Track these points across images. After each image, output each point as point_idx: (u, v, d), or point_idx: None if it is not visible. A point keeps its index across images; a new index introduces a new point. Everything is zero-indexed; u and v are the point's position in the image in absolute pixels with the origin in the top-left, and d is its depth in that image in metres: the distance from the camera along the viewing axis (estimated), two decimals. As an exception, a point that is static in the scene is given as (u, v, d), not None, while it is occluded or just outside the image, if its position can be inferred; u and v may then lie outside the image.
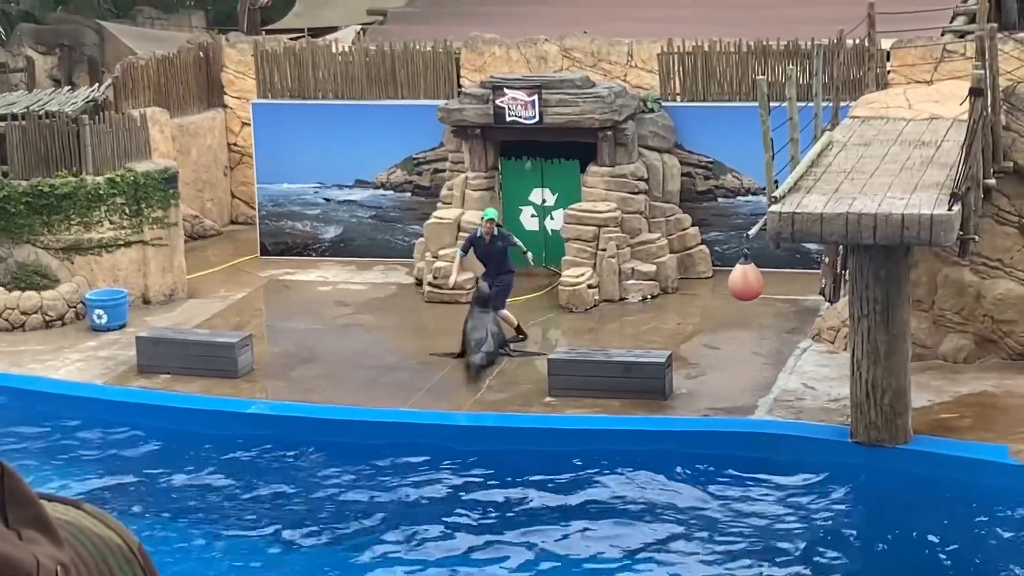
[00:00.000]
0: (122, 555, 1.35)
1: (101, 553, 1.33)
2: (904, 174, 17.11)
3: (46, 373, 20.81)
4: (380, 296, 24.09)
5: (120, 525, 1.38)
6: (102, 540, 1.34)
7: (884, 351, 16.75)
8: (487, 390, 19.78)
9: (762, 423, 18.36)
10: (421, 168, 25.67)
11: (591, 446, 18.14)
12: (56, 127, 23.46)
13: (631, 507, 17.13)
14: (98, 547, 1.33)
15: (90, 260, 23.29)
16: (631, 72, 25.40)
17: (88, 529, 1.34)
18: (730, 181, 24.47)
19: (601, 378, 19.12)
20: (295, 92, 26.34)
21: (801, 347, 20.79)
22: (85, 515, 1.36)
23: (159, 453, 18.97)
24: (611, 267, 22.98)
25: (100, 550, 1.33)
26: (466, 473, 18.06)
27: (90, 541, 1.32)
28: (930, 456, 17.18)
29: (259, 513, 17.43)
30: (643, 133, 23.93)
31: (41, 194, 22.99)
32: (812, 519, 16.86)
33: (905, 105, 20.72)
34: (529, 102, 23.34)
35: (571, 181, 24.08)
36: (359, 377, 20.44)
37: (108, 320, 22.31)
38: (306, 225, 26.32)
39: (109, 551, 1.34)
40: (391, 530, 16.79)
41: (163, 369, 20.49)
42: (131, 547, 1.37)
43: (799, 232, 16.06)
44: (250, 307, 23.92)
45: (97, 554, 1.32)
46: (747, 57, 24.35)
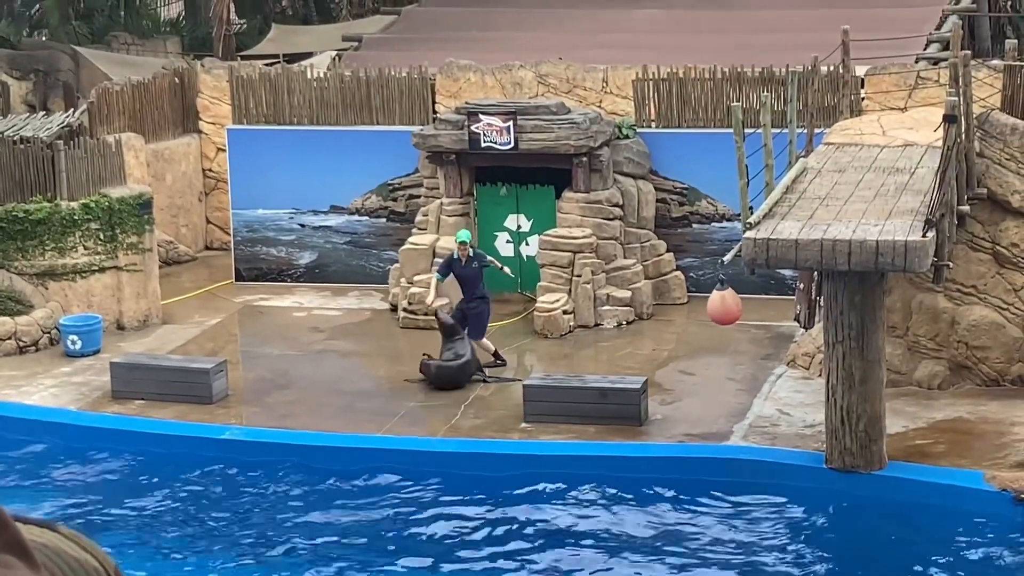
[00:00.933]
0: (98, 577, 1.34)
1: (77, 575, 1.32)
2: (878, 200, 17.17)
3: (20, 399, 20.72)
4: (355, 322, 24.07)
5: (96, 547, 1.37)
6: (78, 562, 1.33)
7: (859, 377, 16.79)
8: (462, 416, 19.76)
9: (737, 449, 18.36)
10: (396, 194, 25.68)
11: (566, 472, 18.12)
12: (31, 152, 23.41)
13: (606, 533, 17.11)
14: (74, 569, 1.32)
15: (64, 286, 23.22)
16: (606, 98, 25.46)
17: (64, 552, 1.33)
18: (705, 207, 24.53)
19: (576, 404, 19.11)
20: (270, 118, 26.34)
21: (776, 373, 20.82)
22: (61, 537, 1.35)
23: (133, 479, 18.90)
24: (586, 293, 23.00)
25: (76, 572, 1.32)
26: (441, 500, 18.02)
27: (66, 564, 1.32)
28: (905, 482, 17.21)
29: (233, 539, 17.36)
30: (618, 159, 23.98)
31: (15, 219, 22.93)
32: (787, 545, 16.86)
33: (879, 132, 20.80)
34: (504, 128, 23.38)
35: (546, 207, 24.11)
36: (334, 403, 20.40)
37: (82, 346, 22.23)
38: (281, 251, 26.28)
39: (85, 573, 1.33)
40: (366, 555, 16.75)
41: (137, 395, 20.42)
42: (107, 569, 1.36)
43: (774, 258, 16.10)
44: (225, 333, 23.86)
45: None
46: (722, 84, 24.43)
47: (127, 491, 18.61)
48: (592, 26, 30.29)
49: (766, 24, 29.13)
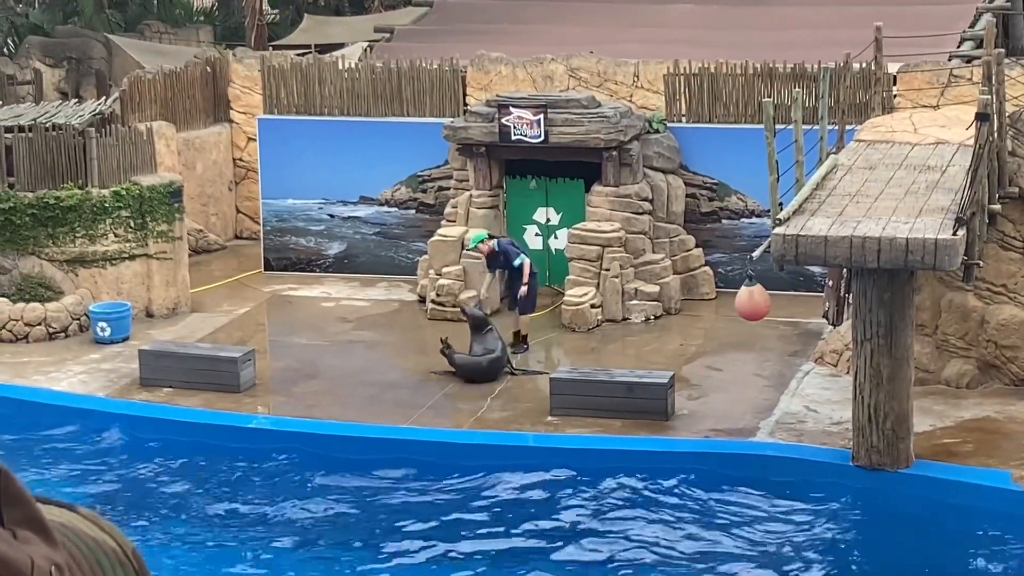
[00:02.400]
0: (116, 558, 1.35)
1: (95, 555, 1.32)
2: (909, 198, 17.10)
3: (49, 385, 20.81)
4: (383, 313, 24.09)
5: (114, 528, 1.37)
6: (96, 543, 1.34)
7: (887, 375, 16.74)
8: (488, 408, 19.77)
9: (763, 445, 18.33)
10: (426, 185, 25.69)
11: (591, 466, 18.12)
12: (63, 140, 23.50)
13: (630, 528, 17.10)
14: (92, 549, 1.32)
15: (94, 273, 23.31)
16: (637, 93, 25.42)
17: (82, 531, 1.34)
18: (735, 203, 24.47)
19: (603, 398, 19.10)
20: (301, 108, 26.37)
21: (804, 370, 20.77)
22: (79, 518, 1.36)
23: (160, 466, 18.96)
24: (614, 287, 22.98)
25: (95, 552, 1.32)
26: (465, 491, 18.04)
27: (84, 543, 1.32)
28: (932, 481, 17.15)
29: (258, 528, 17.41)
30: (648, 154, 23.94)
31: (47, 206, 23.02)
32: (812, 542, 16.83)
33: (911, 129, 20.73)
34: (535, 121, 23.36)
35: (575, 201, 24.10)
36: (361, 393, 20.43)
37: (111, 333, 22.31)
38: (310, 241, 26.32)
39: (103, 553, 1.33)
40: (390, 546, 16.78)
41: (165, 383, 20.49)
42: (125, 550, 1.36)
43: (803, 255, 16.05)
44: (253, 322, 23.92)
45: (92, 556, 1.32)
46: (753, 79, 24.37)
47: (153, 478, 18.68)
48: (624, 20, 30.24)
49: (798, 20, 29.04)
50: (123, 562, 1.35)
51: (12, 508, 1.23)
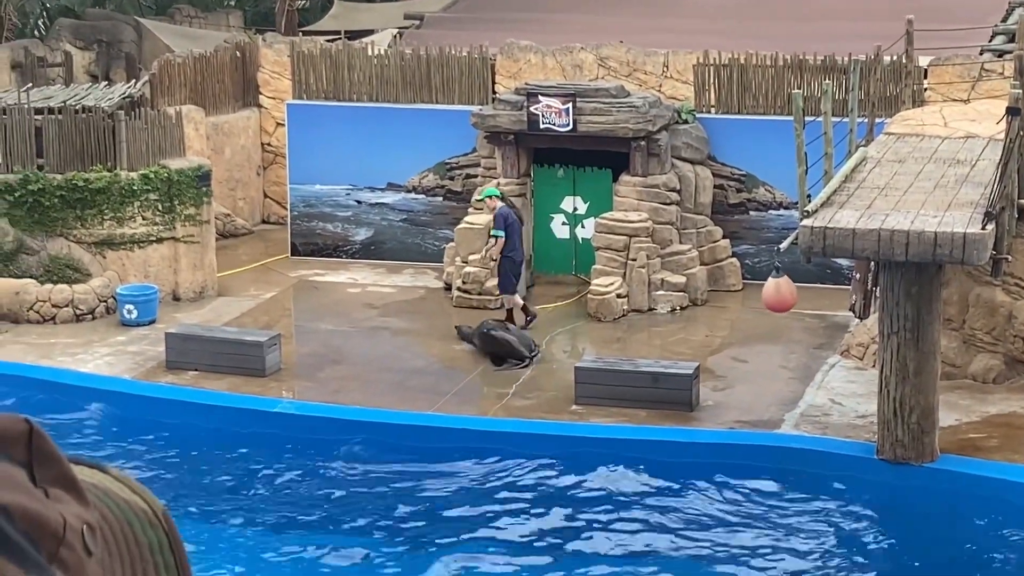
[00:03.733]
0: (147, 519, 1.35)
1: (126, 516, 1.33)
2: (938, 192, 17.04)
3: (75, 366, 20.89)
4: (409, 299, 24.10)
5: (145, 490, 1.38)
6: (127, 503, 1.34)
7: (913, 369, 16.69)
8: (513, 396, 19.78)
9: (788, 437, 18.30)
10: (453, 173, 25.69)
11: (616, 455, 18.11)
12: (92, 122, 23.56)
13: (654, 518, 17.10)
14: (123, 510, 1.33)
15: (122, 255, 23.38)
16: (666, 83, 25.38)
17: (113, 492, 1.34)
18: (763, 194, 24.42)
19: (628, 388, 19.10)
20: (330, 94, 26.39)
21: (829, 363, 20.73)
22: (110, 479, 1.36)
23: (184, 449, 19.01)
24: (641, 277, 22.95)
25: (125, 513, 1.33)
26: (489, 478, 18.05)
27: (115, 504, 1.32)
28: (956, 475, 17.10)
29: (281, 511, 17.45)
30: (676, 144, 23.90)
31: (75, 188, 23.09)
32: (836, 535, 16.80)
33: (941, 123, 20.65)
34: (563, 110, 23.33)
35: (603, 190, 24.07)
36: (386, 380, 20.46)
37: (138, 315, 22.38)
38: (337, 227, 26.35)
39: (134, 514, 1.34)
40: (412, 531, 16.80)
41: (191, 366, 20.55)
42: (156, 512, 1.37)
43: (831, 247, 16.01)
44: (279, 307, 23.96)
45: (122, 516, 1.32)
46: (783, 71, 24.30)
47: (178, 461, 18.73)
48: (654, 10, 30.19)
49: (829, 11, 28.96)
50: (153, 523, 1.35)
51: (44, 467, 1.23)
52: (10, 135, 23.35)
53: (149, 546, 1.33)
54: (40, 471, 1.22)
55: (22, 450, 1.22)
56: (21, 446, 1.22)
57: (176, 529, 1.36)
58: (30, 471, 1.22)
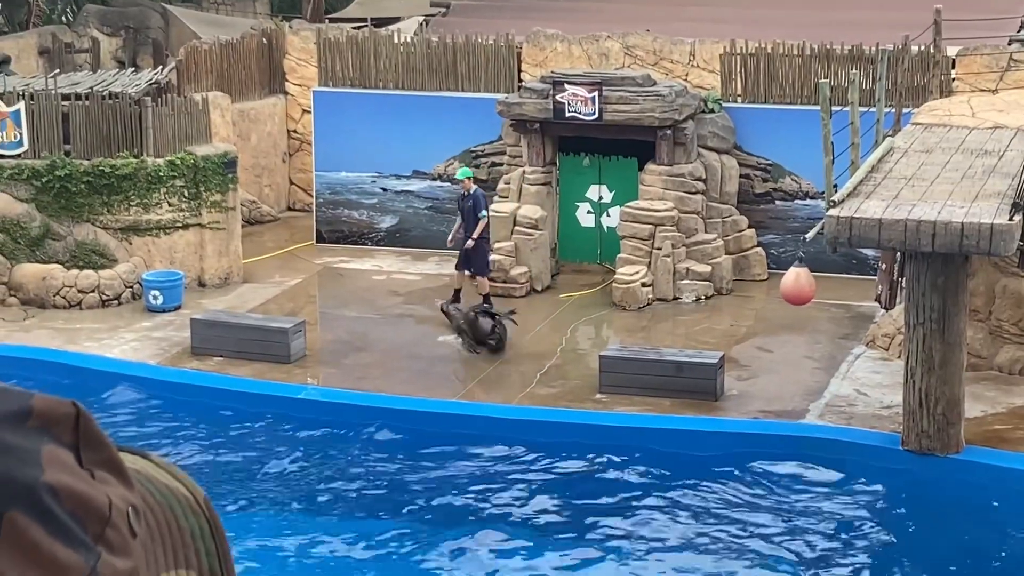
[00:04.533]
0: (189, 506, 1.36)
1: (168, 501, 1.33)
2: (965, 182, 16.99)
3: (101, 352, 20.97)
4: (434, 287, 24.12)
5: (187, 477, 1.38)
6: (169, 489, 1.35)
7: (939, 360, 16.65)
8: (537, 384, 19.79)
9: (813, 427, 18.29)
10: (479, 161, 25.68)
11: (640, 444, 18.12)
12: (119, 108, 23.62)
13: (677, 507, 17.10)
14: (165, 496, 1.34)
15: (148, 241, 23.45)
16: (693, 72, 25.34)
17: (156, 478, 1.35)
18: (789, 184, 24.37)
19: (652, 377, 19.10)
20: (356, 81, 26.41)
21: (855, 353, 20.70)
22: (153, 465, 1.37)
23: (208, 435, 19.08)
24: (666, 266, 22.94)
25: (167, 498, 1.33)
26: (513, 466, 18.07)
27: (157, 489, 1.33)
28: (982, 467, 17.07)
29: (304, 497, 17.50)
30: (703, 133, 23.86)
31: (102, 174, 23.16)
32: (860, 526, 16.79)
33: (968, 113, 20.59)
34: (589, 98, 23.31)
35: (628, 179, 24.06)
36: (410, 367, 20.49)
37: (163, 301, 22.45)
38: (362, 214, 26.38)
39: (176, 500, 1.34)
40: (435, 519, 16.83)
41: (216, 352, 20.61)
42: (197, 499, 1.37)
43: (857, 237, 15.97)
44: (304, 294, 24.01)
45: (164, 502, 1.33)
46: (810, 60, 24.24)
47: (202, 446, 18.80)
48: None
49: (857, 1, 28.86)
50: (195, 510, 1.36)
51: (91, 449, 1.24)
52: (38, 121, 23.42)
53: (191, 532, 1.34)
54: (87, 453, 1.24)
55: (69, 433, 1.23)
56: (68, 429, 1.23)
57: (217, 516, 1.37)
58: (77, 453, 1.23)
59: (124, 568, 1.21)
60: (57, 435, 1.22)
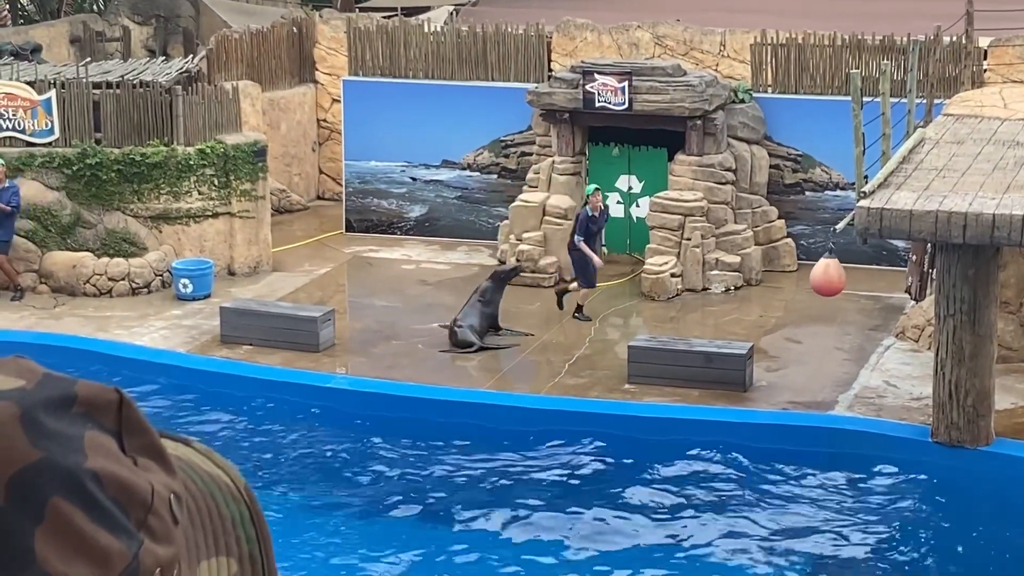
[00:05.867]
0: (230, 493, 1.36)
1: (209, 488, 1.34)
2: (997, 174, 16.92)
3: (131, 340, 21.04)
4: (463, 276, 24.11)
5: (229, 464, 1.39)
6: (211, 477, 1.35)
7: (969, 352, 16.60)
8: (566, 374, 19.79)
9: (842, 419, 18.25)
10: (508, 151, 25.68)
11: (669, 435, 18.10)
12: (149, 97, 23.67)
13: (706, 498, 17.09)
14: (207, 483, 1.34)
15: (178, 229, 23.51)
16: (723, 62, 25.28)
17: (197, 465, 1.35)
18: (819, 175, 24.31)
19: (681, 367, 19.07)
20: (386, 70, 26.42)
21: (884, 344, 20.64)
22: (194, 452, 1.37)
23: (237, 423, 19.13)
24: (695, 257, 22.90)
25: (208, 486, 1.34)
26: (540, 456, 18.08)
27: (199, 476, 1.34)
28: (1012, 459, 17.01)
29: (333, 486, 17.54)
30: (733, 123, 23.81)
31: (132, 162, 23.22)
32: (890, 517, 16.75)
33: (1000, 104, 20.50)
34: (619, 88, 23.27)
35: (658, 169, 24.02)
36: (439, 356, 20.50)
37: (193, 289, 22.51)
38: (392, 203, 26.39)
39: (217, 488, 1.35)
40: (463, 510, 16.85)
41: (245, 340, 20.66)
42: (238, 486, 1.38)
43: (887, 228, 15.93)
44: (333, 282, 24.04)
45: (206, 489, 1.33)
46: (841, 50, 24.16)
47: (230, 435, 18.85)
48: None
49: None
50: (236, 498, 1.36)
51: (133, 436, 1.25)
52: (69, 109, 23.50)
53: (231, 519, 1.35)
54: (129, 440, 1.24)
55: (112, 419, 1.24)
56: (111, 415, 1.24)
57: (258, 504, 1.38)
58: (119, 440, 1.23)
59: (166, 555, 1.21)
60: (100, 422, 1.23)
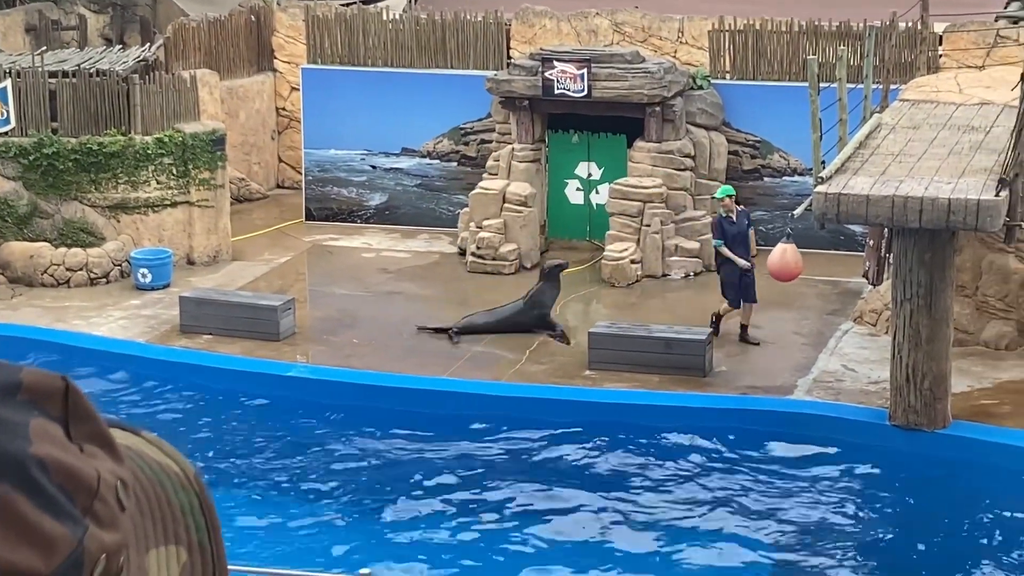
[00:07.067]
0: (179, 481, 1.37)
1: (158, 477, 1.34)
2: (952, 158, 17.02)
3: (90, 330, 20.95)
4: (423, 264, 24.12)
5: (177, 453, 1.39)
6: (160, 465, 1.36)
7: (926, 335, 16.70)
8: (527, 361, 19.81)
9: (801, 403, 18.33)
10: (468, 138, 25.66)
11: (629, 421, 18.15)
12: (106, 86, 23.56)
13: (666, 483, 17.14)
14: (156, 471, 1.35)
15: (136, 219, 23.41)
16: (681, 48, 25.31)
17: (146, 454, 1.36)
18: (777, 161, 24.38)
19: (641, 353, 19.12)
20: (345, 58, 26.35)
21: (842, 329, 20.74)
22: (143, 441, 1.38)
23: (198, 412, 19.08)
24: (655, 243, 22.94)
25: (157, 474, 1.35)
26: (501, 443, 18.10)
27: (148, 465, 1.34)
28: (969, 441, 17.13)
29: (295, 475, 17.52)
30: (691, 110, 23.85)
31: (90, 152, 23.11)
32: (847, 500, 16.85)
33: (956, 89, 20.60)
34: (578, 75, 23.29)
35: (617, 156, 24.04)
36: (400, 344, 20.50)
37: (152, 279, 22.42)
38: (351, 192, 26.34)
39: (167, 476, 1.36)
40: (424, 496, 16.86)
41: (205, 330, 20.60)
42: (188, 475, 1.38)
43: (844, 213, 16.01)
44: (293, 271, 23.99)
45: (154, 477, 1.34)
46: (798, 37, 24.23)
47: (192, 424, 18.80)
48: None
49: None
50: (185, 486, 1.37)
51: (80, 423, 1.25)
52: (24, 99, 23.36)
53: (181, 508, 1.35)
54: (76, 427, 1.25)
55: (59, 406, 1.25)
56: (58, 402, 1.25)
57: (208, 492, 1.39)
58: (66, 427, 1.24)
59: (112, 541, 1.22)
60: (46, 409, 1.24)
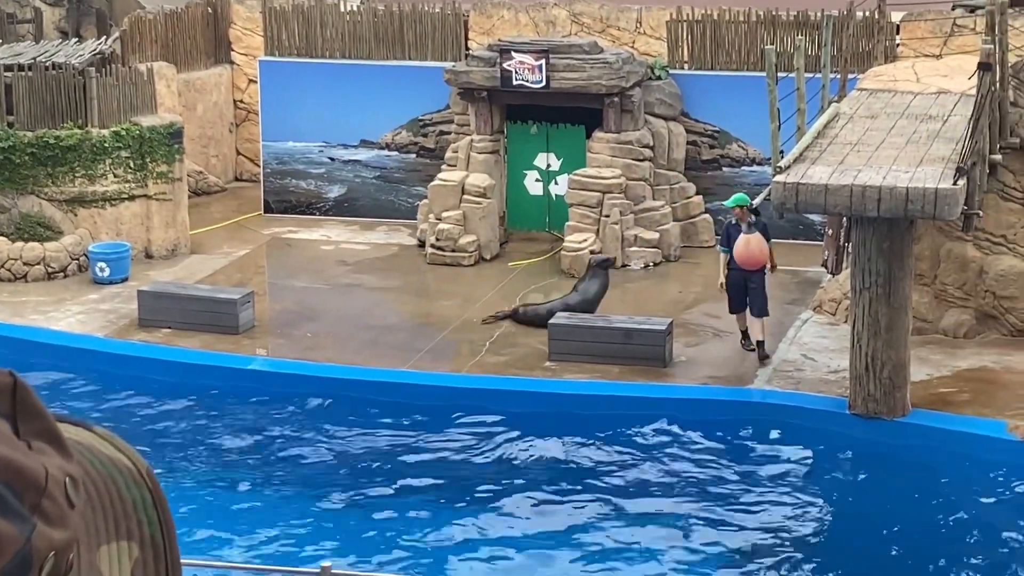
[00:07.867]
0: (131, 476, 1.36)
1: (110, 472, 1.33)
2: (910, 147, 17.09)
3: (47, 324, 20.84)
4: (382, 256, 24.09)
5: (129, 448, 1.38)
6: (111, 460, 1.35)
7: (885, 324, 16.77)
8: (487, 353, 19.81)
9: (761, 393, 18.39)
10: (427, 130, 25.63)
11: (589, 411, 18.17)
12: (63, 79, 23.42)
13: (627, 473, 17.17)
14: (107, 466, 1.33)
15: (93, 213, 23.29)
16: (639, 39, 25.34)
17: (97, 449, 1.34)
18: (735, 150, 24.44)
19: (601, 344, 19.14)
20: (302, 50, 26.28)
21: (802, 318, 20.80)
22: (95, 436, 1.37)
23: (158, 407, 19.01)
24: (614, 233, 22.97)
25: (109, 469, 1.33)
26: (463, 435, 18.09)
27: (99, 460, 1.33)
28: (928, 430, 17.22)
29: (254, 468, 17.48)
30: (650, 100, 23.88)
31: (46, 145, 22.97)
32: (808, 489, 16.91)
33: (913, 78, 20.68)
34: (536, 66, 23.29)
35: (576, 146, 24.06)
36: (360, 336, 20.47)
37: (110, 273, 22.32)
38: (310, 184, 26.28)
39: (118, 471, 1.34)
40: (386, 489, 16.84)
41: (164, 323, 20.52)
42: (140, 470, 1.37)
43: (803, 203, 16.06)
44: (252, 264, 23.92)
45: (106, 473, 1.33)
46: (756, 26, 24.29)
47: (151, 418, 18.73)
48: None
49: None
50: (137, 481, 1.36)
51: (28, 420, 1.24)
52: (-20, 92, 23.20)
53: (133, 503, 1.34)
54: (23, 424, 1.23)
55: (6, 403, 1.23)
56: (5, 399, 1.23)
57: (160, 487, 1.37)
58: (13, 424, 1.22)
59: (60, 539, 1.20)
60: None
